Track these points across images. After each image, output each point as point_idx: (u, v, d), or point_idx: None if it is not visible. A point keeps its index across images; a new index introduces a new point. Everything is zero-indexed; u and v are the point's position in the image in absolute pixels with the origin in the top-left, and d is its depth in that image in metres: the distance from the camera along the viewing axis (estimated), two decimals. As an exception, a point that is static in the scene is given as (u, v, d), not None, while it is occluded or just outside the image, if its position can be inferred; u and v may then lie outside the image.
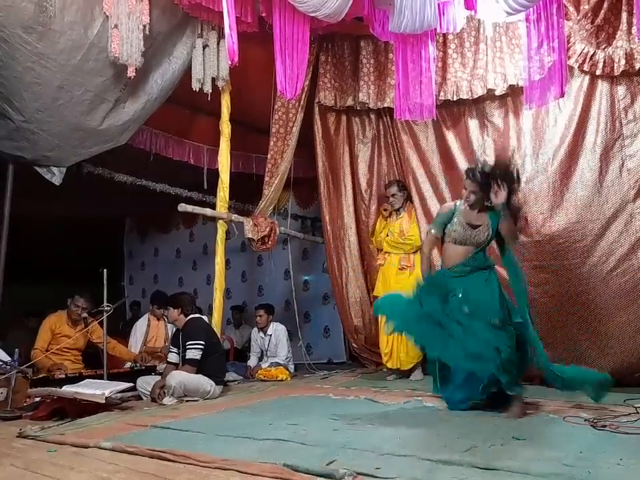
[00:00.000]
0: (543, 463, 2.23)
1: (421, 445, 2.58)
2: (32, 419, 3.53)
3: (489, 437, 2.70)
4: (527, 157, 4.72)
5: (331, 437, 2.81)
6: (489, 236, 3.42)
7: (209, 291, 5.59)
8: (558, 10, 4.19)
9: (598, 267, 4.30)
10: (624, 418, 3.02)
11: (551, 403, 3.62)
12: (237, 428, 3.04)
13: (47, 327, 4.85)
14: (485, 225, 3.40)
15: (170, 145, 6.04)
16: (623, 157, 4.32)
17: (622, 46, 4.22)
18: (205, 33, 4.80)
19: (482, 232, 3.40)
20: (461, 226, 3.42)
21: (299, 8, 4.35)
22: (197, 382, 4.17)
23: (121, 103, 4.57)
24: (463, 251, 3.43)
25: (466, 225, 3.41)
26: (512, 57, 4.77)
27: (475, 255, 3.43)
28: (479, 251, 3.44)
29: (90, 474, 2.34)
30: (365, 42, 5.51)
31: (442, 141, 5.25)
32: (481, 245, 3.43)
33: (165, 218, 8.77)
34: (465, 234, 3.41)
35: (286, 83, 4.55)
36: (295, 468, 2.22)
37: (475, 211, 3.43)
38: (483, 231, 3.40)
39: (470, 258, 3.42)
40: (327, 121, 5.91)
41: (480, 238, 3.40)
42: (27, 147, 4.43)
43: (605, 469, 2.15)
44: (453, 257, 3.47)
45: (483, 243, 3.42)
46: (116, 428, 3.22)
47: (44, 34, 3.84)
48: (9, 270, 4.60)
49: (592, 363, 4.28)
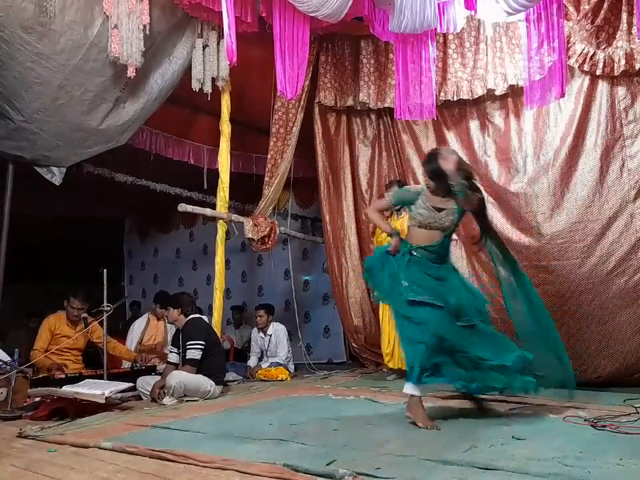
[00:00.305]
0: (542, 463, 2.23)
1: (421, 445, 2.58)
2: (32, 419, 3.53)
3: (488, 437, 2.70)
4: (528, 158, 4.72)
5: (331, 437, 2.81)
6: (454, 220, 3.32)
7: (208, 291, 5.60)
8: (558, 10, 4.19)
9: (598, 267, 4.30)
10: (624, 418, 3.02)
11: (551, 403, 3.62)
12: (236, 428, 3.04)
13: (46, 327, 4.85)
14: (449, 209, 3.30)
15: (170, 145, 6.04)
16: (623, 157, 4.32)
17: (622, 46, 4.22)
18: (205, 33, 4.80)
19: (447, 215, 3.29)
20: (426, 208, 3.30)
21: (299, 8, 4.35)
22: (197, 382, 4.17)
23: (121, 103, 4.57)
24: (428, 235, 3.31)
25: (431, 207, 3.30)
26: (512, 57, 4.77)
27: (442, 240, 3.32)
28: (445, 237, 3.33)
29: (90, 474, 2.34)
30: (365, 42, 5.51)
31: (442, 141, 5.25)
32: (447, 229, 3.32)
33: (164, 218, 8.77)
34: (430, 216, 3.29)
35: (286, 83, 4.55)
36: (295, 468, 2.22)
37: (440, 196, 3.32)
38: (447, 215, 3.29)
39: (436, 243, 3.30)
40: (327, 121, 5.91)
41: (445, 222, 3.29)
42: (27, 146, 4.43)
43: (605, 469, 2.15)
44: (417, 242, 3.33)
45: (449, 227, 3.32)
46: (116, 428, 3.22)
47: (44, 34, 3.84)
48: (8, 270, 4.60)
49: (592, 362, 4.29)
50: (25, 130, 4.28)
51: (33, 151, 4.50)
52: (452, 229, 3.37)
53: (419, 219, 3.32)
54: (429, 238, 3.30)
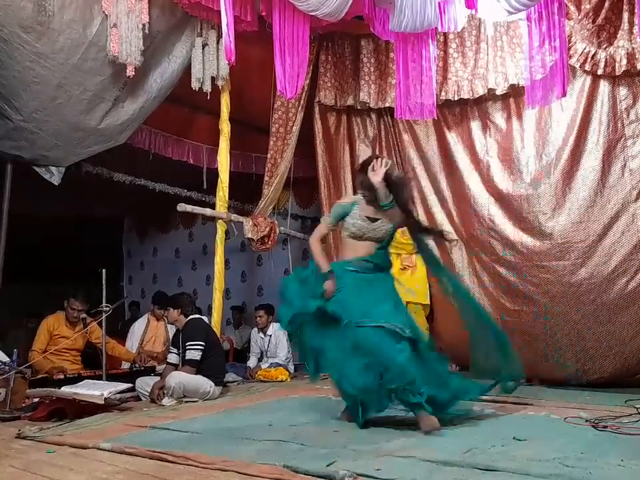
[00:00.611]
0: (543, 464, 2.22)
1: (421, 446, 2.57)
2: (31, 419, 3.52)
3: (489, 437, 2.69)
4: (531, 158, 4.71)
5: (331, 437, 2.81)
6: (389, 231, 3.25)
7: (208, 291, 5.58)
8: (559, 9, 4.18)
9: (599, 267, 4.29)
10: (625, 419, 3.01)
11: (551, 404, 3.61)
12: (236, 429, 3.03)
13: (45, 328, 4.83)
14: (384, 219, 3.22)
15: (169, 145, 6.03)
16: (625, 157, 4.31)
17: (623, 46, 4.21)
18: (205, 32, 4.78)
19: (382, 226, 3.21)
20: (361, 219, 3.21)
21: (299, 7, 4.34)
22: (197, 383, 4.16)
23: (120, 102, 4.56)
24: (363, 247, 3.21)
25: (365, 217, 3.21)
26: (513, 57, 4.76)
27: (376, 252, 3.23)
28: (379, 248, 3.25)
29: (89, 475, 2.33)
30: (366, 41, 5.50)
31: (443, 140, 5.24)
32: (382, 240, 3.24)
33: (164, 218, 8.76)
34: (364, 227, 3.19)
35: (286, 82, 4.54)
36: (295, 469, 2.21)
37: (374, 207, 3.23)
38: (382, 225, 3.21)
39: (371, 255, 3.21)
40: (328, 121, 5.90)
41: (379, 232, 3.21)
42: (26, 146, 4.42)
43: (606, 470, 2.14)
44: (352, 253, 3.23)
45: (383, 237, 3.24)
46: (115, 429, 3.21)
47: (43, 33, 3.83)
48: (7, 270, 4.58)
49: (593, 363, 4.28)
50: (24, 129, 4.27)
51: (31, 151, 4.48)
52: (387, 240, 3.29)
53: (353, 229, 3.22)
54: (363, 249, 3.21)
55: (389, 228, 3.24)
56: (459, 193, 5.09)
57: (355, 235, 3.22)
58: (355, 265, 3.20)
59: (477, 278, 4.91)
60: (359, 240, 3.22)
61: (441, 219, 5.20)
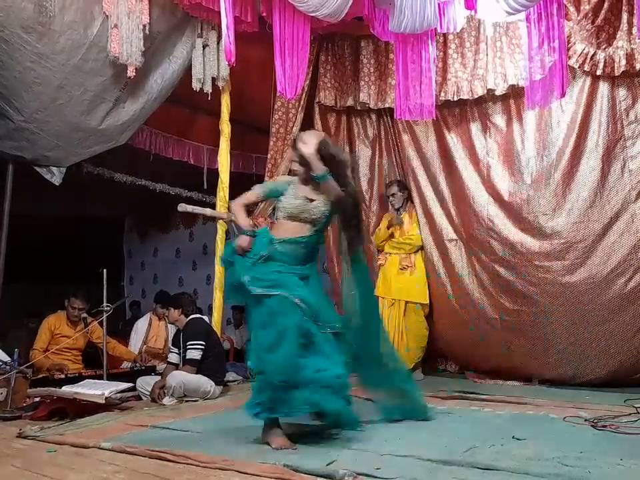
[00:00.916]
0: (543, 463, 2.23)
1: (421, 445, 2.58)
2: (32, 419, 3.53)
3: (489, 437, 2.70)
4: (531, 159, 4.70)
5: (330, 437, 2.81)
6: (326, 213, 3.02)
7: (208, 291, 5.58)
8: (558, 10, 4.18)
9: (599, 267, 4.30)
10: (624, 418, 3.02)
11: (550, 403, 3.62)
12: (236, 428, 3.03)
13: (46, 327, 4.85)
14: (321, 200, 3.01)
15: (170, 145, 6.04)
16: (624, 158, 4.32)
17: (622, 46, 4.21)
18: (205, 33, 4.79)
19: (318, 206, 2.99)
20: (296, 197, 3.01)
21: (299, 7, 4.35)
22: (197, 382, 4.16)
23: (121, 103, 4.57)
24: (296, 228, 2.98)
25: (301, 196, 3.01)
26: (512, 57, 4.76)
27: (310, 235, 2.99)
28: (314, 232, 3.01)
29: (90, 474, 2.34)
30: (366, 42, 5.50)
31: (443, 141, 5.24)
32: (317, 222, 3.00)
33: (164, 218, 8.76)
34: (299, 206, 2.98)
35: (286, 83, 4.54)
36: (295, 468, 2.22)
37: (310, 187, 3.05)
38: (319, 206, 2.99)
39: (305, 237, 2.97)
40: (328, 121, 5.90)
41: (316, 213, 2.99)
42: (27, 146, 4.43)
43: (605, 469, 2.15)
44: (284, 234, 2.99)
45: (319, 219, 3.00)
46: (116, 428, 3.22)
47: (44, 34, 3.84)
48: (8, 270, 4.59)
49: (592, 362, 4.29)
50: (25, 130, 4.28)
51: (32, 151, 4.49)
52: (322, 223, 3.05)
53: (289, 208, 3.00)
54: (296, 231, 2.98)
55: (326, 210, 3.01)
56: (459, 193, 5.09)
57: (290, 215, 2.99)
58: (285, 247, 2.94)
59: (477, 278, 4.91)
60: (293, 220, 2.99)
61: (440, 219, 5.20)
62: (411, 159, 5.42)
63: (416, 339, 5.13)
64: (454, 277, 5.06)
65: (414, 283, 5.19)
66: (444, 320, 5.19)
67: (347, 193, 3.03)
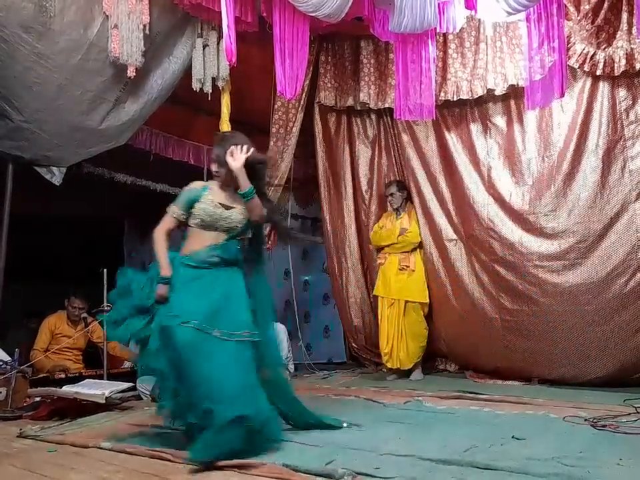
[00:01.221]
0: (542, 463, 2.23)
1: (421, 445, 2.58)
2: (32, 419, 3.54)
3: (488, 436, 2.70)
4: (532, 160, 4.70)
5: (330, 436, 2.82)
6: (244, 221, 2.92)
7: (208, 291, 5.57)
8: (558, 10, 4.18)
9: (599, 267, 4.30)
10: (624, 418, 3.03)
11: (550, 403, 3.62)
12: (236, 428, 3.03)
13: (46, 327, 4.85)
14: (240, 208, 2.90)
15: (170, 145, 6.03)
16: (625, 158, 4.32)
17: (622, 46, 4.21)
18: (205, 33, 4.78)
19: (236, 214, 2.88)
20: (212, 204, 2.87)
21: (299, 8, 4.35)
22: (197, 382, 4.16)
23: (121, 103, 4.56)
24: (211, 237, 2.86)
25: (218, 204, 2.87)
26: (512, 57, 4.76)
27: (226, 242, 2.87)
28: (230, 238, 2.90)
29: (90, 474, 2.35)
30: (365, 42, 5.51)
31: (442, 141, 5.25)
32: (234, 231, 2.90)
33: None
34: (215, 214, 2.84)
35: (286, 83, 4.54)
36: (294, 468, 2.22)
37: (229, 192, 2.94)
38: (237, 214, 2.89)
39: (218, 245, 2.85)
40: (328, 121, 5.91)
41: (233, 222, 2.87)
42: (27, 146, 4.43)
43: (605, 469, 2.16)
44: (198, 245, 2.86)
45: (236, 228, 2.90)
46: (116, 428, 3.23)
47: (43, 34, 3.84)
48: (8, 270, 4.59)
49: (592, 362, 4.29)
50: (25, 130, 4.28)
51: (32, 151, 4.49)
52: (239, 231, 2.93)
53: (202, 216, 2.85)
54: (210, 240, 2.86)
55: (244, 217, 2.91)
56: (458, 193, 5.09)
57: (204, 223, 2.86)
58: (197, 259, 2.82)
59: (477, 278, 4.92)
60: (208, 230, 2.86)
61: (440, 219, 5.21)
62: (411, 159, 5.42)
63: (416, 338, 5.13)
64: (454, 277, 5.06)
65: (413, 282, 5.19)
66: (444, 320, 5.19)
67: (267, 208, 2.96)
